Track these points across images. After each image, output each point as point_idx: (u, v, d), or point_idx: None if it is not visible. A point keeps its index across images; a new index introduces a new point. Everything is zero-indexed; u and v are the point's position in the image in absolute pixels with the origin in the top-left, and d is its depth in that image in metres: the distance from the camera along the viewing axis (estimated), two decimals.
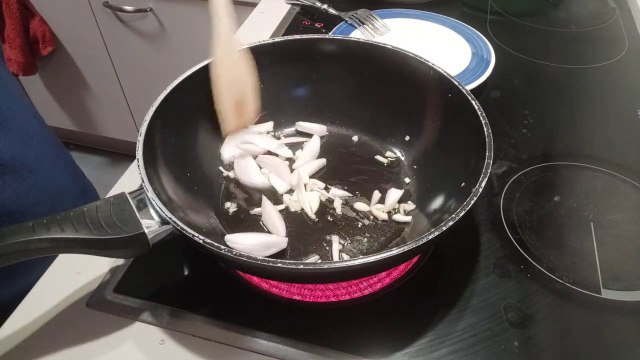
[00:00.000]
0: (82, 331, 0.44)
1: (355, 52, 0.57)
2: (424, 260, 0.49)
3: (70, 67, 1.49)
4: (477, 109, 0.48)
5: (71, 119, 1.67)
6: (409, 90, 0.55)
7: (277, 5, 0.89)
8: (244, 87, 0.54)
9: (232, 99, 0.54)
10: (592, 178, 0.58)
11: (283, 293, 0.47)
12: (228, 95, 0.53)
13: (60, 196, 0.60)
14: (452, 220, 0.39)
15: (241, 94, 0.54)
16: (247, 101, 0.55)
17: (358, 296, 0.47)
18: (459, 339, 0.43)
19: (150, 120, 0.47)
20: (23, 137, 0.55)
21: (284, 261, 0.37)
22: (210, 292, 0.47)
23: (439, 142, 0.54)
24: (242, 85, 0.54)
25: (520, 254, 0.50)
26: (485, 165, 0.43)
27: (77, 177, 0.68)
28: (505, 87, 0.71)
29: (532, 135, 0.64)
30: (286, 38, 0.58)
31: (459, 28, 0.78)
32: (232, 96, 0.54)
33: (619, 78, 0.74)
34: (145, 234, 0.40)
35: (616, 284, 0.47)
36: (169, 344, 0.44)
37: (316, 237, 0.50)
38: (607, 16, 0.88)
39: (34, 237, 0.37)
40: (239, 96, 0.54)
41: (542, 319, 0.45)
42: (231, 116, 0.54)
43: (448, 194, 0.50)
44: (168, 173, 0.48)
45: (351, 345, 0.43)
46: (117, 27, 1.33)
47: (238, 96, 0.54)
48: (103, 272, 0.48)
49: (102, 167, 1.80)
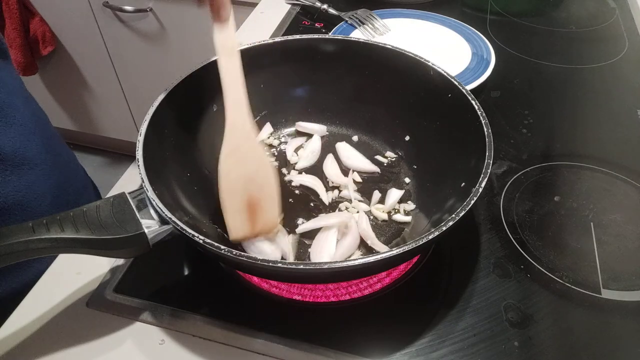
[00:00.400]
0: (82, 331, 0.44)
1: (355, 52, 0.57)
2: (424, 260, 0.49)
3: (70, 67, 1.49)
4: (477, 109, 0.48)
5: (71, 119, 1.67)
6: (409, 90, 0.55)
7: (277, 5, 0.89)
8: (261, 186, 0.44)
9: (244, 199, 0.44)
10: (592, 178, 0.58)
11: (283, 293, 0.47)
12: (239, 196, 0.44)
13: (62, 192, 0.61)
14: (452, 220, 0.39)
15: (257, 195, 0.44)
16: (264, 205, 0.44)
17: (358, 296, 0.47)
18: (459, 339, 0.43)
19: (150, 120, 0.47)
20: (25, 133, 0.55)
21: (284, 261, 0.37)
22: (210, 292, 0.47)
23: (438, 142, 0.54)
24: (259, 183, 0.44)
25: (520, 254, 0.50)
26: (485, 165, 0.43)
27: (77, 174, 0.68)
28: (505, 87, 0.71)
29: (532, 135, 0.64)
30: (286, 38, 0.58)
31: (459, 28, 0.78)
32: (244, 196, 0.44)
33: (619, 78, 0.74)
34: (145, 234, 0.40)
35: (616, 284, 0.47)
36: (169, 344, 0.44)
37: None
38: (607, 16, 0.88)
39: (34, 237, 0.37)
40: (254, 197, 0.44)
41: (542, 319, 0.45)
42: (241, 222, 0.44)
43: (448, 194, 0.50)
44: (168, 173, 0.48)
45: (351, 345, 0.43)
46: (117, 27, 1.33)
47: (253, 197, 0.44)
48: (103, 272, 0.48)
49: (102, 167, 1.80)
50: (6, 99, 0.53)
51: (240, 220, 0.44)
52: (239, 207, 0.44)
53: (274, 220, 0.46)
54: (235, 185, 0.44)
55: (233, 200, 0.44)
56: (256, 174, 0.44)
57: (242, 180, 0.44)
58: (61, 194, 0.60)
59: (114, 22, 1.32)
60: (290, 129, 0.62)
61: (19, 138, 0.54)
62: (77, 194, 0.64)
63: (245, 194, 0.44)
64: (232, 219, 0.44)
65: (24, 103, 0.58)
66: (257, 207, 0.44)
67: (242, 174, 0.44)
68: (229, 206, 0.44)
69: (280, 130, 0.61)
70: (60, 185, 0.60)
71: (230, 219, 0.44)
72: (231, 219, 0.44)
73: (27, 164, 0.54)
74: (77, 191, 0.65)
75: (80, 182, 0.67)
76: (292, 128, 0.62)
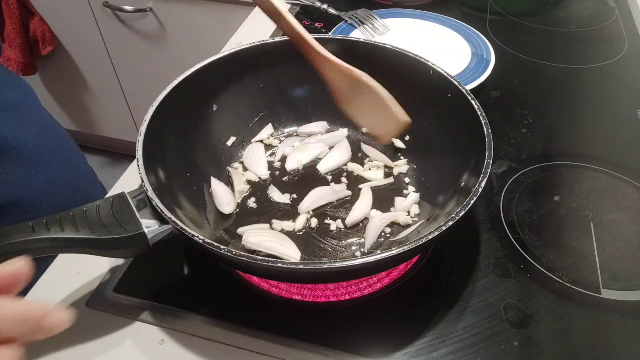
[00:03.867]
0: (82, 331, 0.44)
1: (355, 52, 0.57)
2: (424, 260, 0.49)
3: (70, 67, 1.49)
4: (477, 109, 0.48)
5: (71, 119, 1.67)
6: (408, 91, 0.55)
7: None
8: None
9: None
10: (592, 178, 0.58)
11: (283, 293, 0.47)
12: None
13: (74, 190, 0.61)
14: (452, 220, 0.39)
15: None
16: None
17: (358, 296, 0.47)
18: (459, 339, 0.43)
19: (150, 120, 0.47)
20: (39, 130, 0.56)
21: (284, 261, 0.37)
22: (210, 292, 0.47)
23: (438, 142, 0.54)
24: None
25: (520, 254, 0.50)
26: (485, 165, 0.43)
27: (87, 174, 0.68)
28: (505, 87, 0.71)
29: (532, 135, 0.64)
30: (286, 38, 0.58)
31: (459, 28, 0.78)
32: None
33: (619, 78, 0.74)
34: (145, 234, 0.40)
35: (616, 284, 0.47)
36: (169, 344, 0.44)
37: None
38: (607, 16, 0.88)
39: (34, 237, 0.37)
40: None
41: (542, 319, 0.45)
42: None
43: (448, 194, 0.50)
44: (168, 173, 0.48)
45: (351, 345, 0.43)
46: (117, 27, 1.33)
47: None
48: (103, 272, 0.48)
49: (102, 167, 1.80)
50: (17, 97, 0.54)
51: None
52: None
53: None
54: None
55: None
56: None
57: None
58: (74, 192, 0.61)
59: (114, 22, 1.32)
60: (290, 129, 0.62)
61: (33, 135, 0.55)
62: (87, 193, 0.65)
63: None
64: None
65: (33, 101, 0.59)
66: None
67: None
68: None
69: (280, 130, 0.61)
70: (71, 183, 0.61)
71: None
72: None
73: (44, 160, 0.55)
74: (87, 190, 0.65)
75: (89, 183, 0.68)
76: (292, 128, 0.62)
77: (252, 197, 0.54)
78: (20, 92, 0.55)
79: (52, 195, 0.56)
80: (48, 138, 0.57)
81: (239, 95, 0.58)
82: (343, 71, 0.51)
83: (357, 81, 0.51)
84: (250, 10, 0.89)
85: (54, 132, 0.61)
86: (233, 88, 0.57)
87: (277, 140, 0.61)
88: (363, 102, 0.52)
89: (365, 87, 0.51)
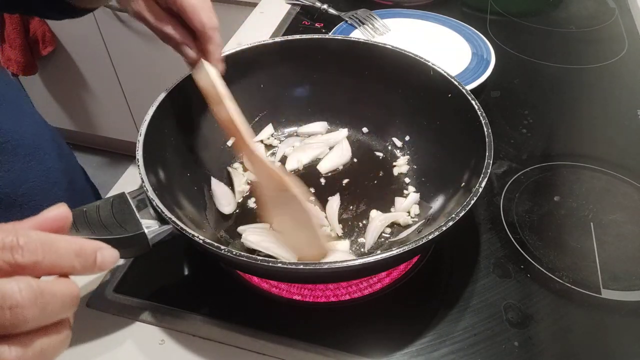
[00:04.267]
0: (82, 331, 0.44)
1: (355, 52, 0.57)
2: (424, 260, 0.49)
3: (70, 67, 1.49)
4: (477, 109, 0.48)
5: (71, 119, 1.67)
6: (408, 91, 0.55)
7: (277, 5, 0.89)
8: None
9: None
10: (592, 178, 0.58)
11: (283, 293, 0.47)
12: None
13: (71, 181, 0.61)
14: (452, 220, 0.39)
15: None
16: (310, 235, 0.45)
17: (358, 296, 0.47)
18: (459, 339, 0.43)
19: (150, 120, 0.47)
20: (35, 122, 0.57)
21: (284, 261, 0.37)
22: (210, 292, 0.47)
23: (438, 142, 0.54)
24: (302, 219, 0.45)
25: (520, 254, 0.50)
26: (485, 165, 0.43)
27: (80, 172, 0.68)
28: (505, 87, 0.71)
29: (532, 135, 0.64)
30: (286, 38, 0.58)
31: (459, 28, 0.78)
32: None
33: (619, 78, 0.74)
34: (145, 234, 0.40)
35: (616, 284, 0.47)
36: (169, 344, 0.43)
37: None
38: (607, 16, 0.88)
39: None
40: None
41: (542, 319, 0.45)
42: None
43: (448, 194, 0.50)
44: (168, 173, 0.48)
45: (351, 345, 0.43)
46: (117, 27, 1.33)
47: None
48: (103, 272, 0.48)
49: (102, 167, 1.80)
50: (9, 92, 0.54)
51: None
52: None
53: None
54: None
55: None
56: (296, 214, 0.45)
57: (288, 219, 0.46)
58: (69, 186, 0.61)
59: (114, 22, 1.32)
60: (290, 129, 0.62)
61: (32, 127, 0.55)
62: (82, 188, 0.65)
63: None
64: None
65: (25, 99, 0.59)
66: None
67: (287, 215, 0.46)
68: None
69: (280, 130, 0.61)
70: (67, 177, 0.61)
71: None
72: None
73: (41, 151, 0.55)
74: (82, 186, 0.65)
75: (83, 178, 0.68)
76: (292, 128, 0.62)
77: (252, 197, 0.54)
78: (12, 87, 0.55)
79: (48, 190, 0.56)
80: (43, 132, 0.57)
81: (239, 95, 0.57)
82: (272, 175, 0.45)
83: (285, 190, 0.44)
84: (250, 10, 0.89)
85: (47, 127, 0.61)
86: (233, 88, 0.57)
87: (277, 140, 0.61)
88: (288, 216, 0.46)
89: (292, 200, 0.44)
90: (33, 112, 0.57)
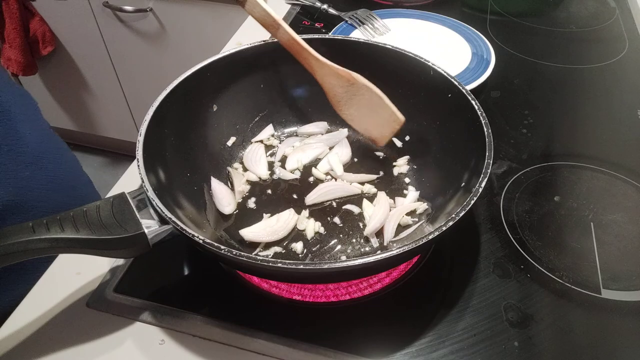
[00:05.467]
0: (82, 331, 0.44)
1: (355, 52, 0.57)
2: (424, 260, 0.49)
3: (70, 67, 1.49)
4: (477, 109, 0.48)
5: (71, 119, 1.67)
6: (408, 91, 0.55)
7: (277, 5, 0.89)
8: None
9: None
10: (592, 178, 0.58)
11: (283, 293, 0.47)
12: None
13: (72, 188, 0.61)
14: (452, 220, 0.39)
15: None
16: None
17: (358, 296, 0.47)
18: (459, 339, 0.43)
19: (150, 120, 0.47)
20: (40, 128, 0.57)
21: (284, 261, 0.37)
22: (210, 292, 0.47)
23: (438, 142, 0.54)
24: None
25: (520, 254, 0.50)
26: (485, 165, 0.43)
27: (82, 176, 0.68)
28: (505, 87, 0.71)
29: (532, 135, 0.64)
30: None
31: (459, 28, 0.78)
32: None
33: (619, 78, 0.74)
34: (145, 234, 0.40)
35: (616, 284, 0.47)
36: (169, 344, 0.44)
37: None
38: (607, 16, 0.88)
39: (34, 237, 0.37)
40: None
41: (542, 319, 0.45)
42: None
43: (448, 193, 0.50)
44: (168, 173, 0.47)
45: (351, 346, 0.43)
46: (117, 27, 1.33)
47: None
48: (103, 272, 0.48)
49: (102, 167, 1.80)
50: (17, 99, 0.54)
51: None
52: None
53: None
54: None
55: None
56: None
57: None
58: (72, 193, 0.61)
59: (114, 22, 1.32)
60: (290, 129, 0.62)
61: (38, 135, 0.55)
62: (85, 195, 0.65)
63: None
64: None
65: (34, 109, 0.59)
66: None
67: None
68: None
69: (280, 130, 0.61)
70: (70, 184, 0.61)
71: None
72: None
73: (46, 159, 0.56)
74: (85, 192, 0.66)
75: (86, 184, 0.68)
76: (292, 128, 0.62)
77: (252, 197, 0.54)
78: (25, 98, 0.56)
79: (51, 196, 0.56)
80: (48, 140, 0.58)
81: (239, 95, 0.58)
82: (340, 74, 0.52)
83: (354, 83, 0.52)
84: None
85: (53, 136, 0.62)
86: (233, 88, 0.57)
87: (277, 140, 0.61)
88: (359, 105, 0.54)
89: (361, 89, 0.52)
90: (41, 122, 0.58)
